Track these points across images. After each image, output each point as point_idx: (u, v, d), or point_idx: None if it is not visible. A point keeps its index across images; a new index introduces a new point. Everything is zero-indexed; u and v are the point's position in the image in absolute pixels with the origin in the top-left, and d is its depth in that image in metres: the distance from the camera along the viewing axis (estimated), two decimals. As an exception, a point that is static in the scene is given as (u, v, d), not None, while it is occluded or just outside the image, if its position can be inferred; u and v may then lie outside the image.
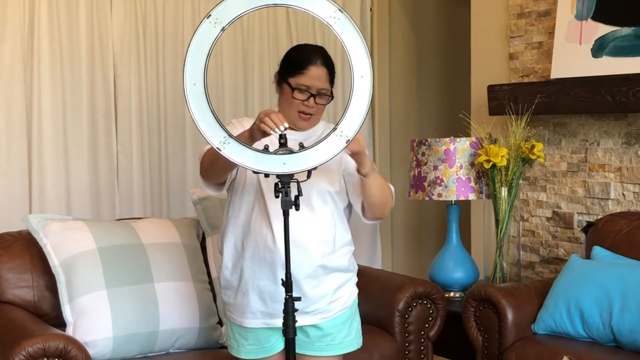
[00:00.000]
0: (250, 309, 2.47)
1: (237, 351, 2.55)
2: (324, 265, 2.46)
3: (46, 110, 3.92)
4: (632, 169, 3.60)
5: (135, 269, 3.15)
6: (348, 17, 2.14)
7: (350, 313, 2.57)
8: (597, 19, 3.63)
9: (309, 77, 2.43)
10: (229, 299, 2.55)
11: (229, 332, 2.61)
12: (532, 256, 4.08)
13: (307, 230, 2.43)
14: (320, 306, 2.48)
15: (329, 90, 2.48)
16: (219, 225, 3.39)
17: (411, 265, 5.22)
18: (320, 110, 2.50)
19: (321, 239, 2.47)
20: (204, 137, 2.12)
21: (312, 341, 2.51)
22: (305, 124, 2.49)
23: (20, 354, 2.61)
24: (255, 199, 2.46)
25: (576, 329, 3.09)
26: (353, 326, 2.58)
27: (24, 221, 3.18)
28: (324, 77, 2.46)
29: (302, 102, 2.44)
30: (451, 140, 3.84)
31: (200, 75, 2.11)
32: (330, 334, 2.51)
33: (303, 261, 2.42)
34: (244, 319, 2.50)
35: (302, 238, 2.41)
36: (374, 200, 2.48)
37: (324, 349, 2.52)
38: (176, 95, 4.24)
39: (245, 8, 2.12)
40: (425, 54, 5.39)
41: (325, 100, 2.48)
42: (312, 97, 2.43)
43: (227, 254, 2.53)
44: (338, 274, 2.51)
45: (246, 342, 2.52)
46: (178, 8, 4.28)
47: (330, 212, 2.49)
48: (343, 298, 2.53)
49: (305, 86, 2.43)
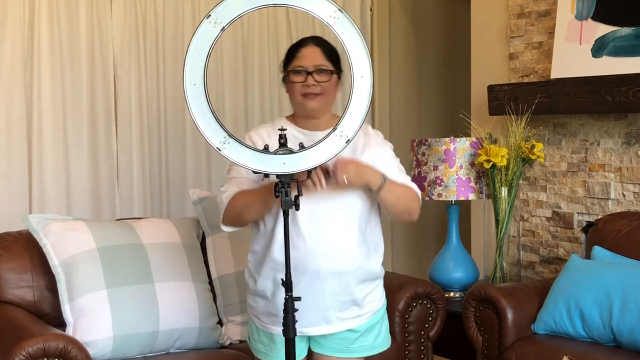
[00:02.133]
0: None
1: (265, 355, 2.53)
2: (358, 272, 2.44)
3: (46, 110, 3.92)
4: (632, 169, 3.60)
5: (135, 269, 3.15)
6: (348, 17, 2.13)
7: (381, 315, 2.58)
8: (597, 19, 3.63)
9: (301, 57, 2.43)
10: (257, 305, 2.51)
11: (254, 334, 2.57)
12: (532, 256, 4.09)
13: (345, 235, 2.41)
14: (354, 312, 2.48)
15: (327, 66, 2.42)
16: (219, 225, 3.41)
17: (411, 265, 5.22)
18: (327, 89, 2.43)
19: (352, 245, 2.43)
20: (203, 137, 2.12)
21: (344, 344, 2.50)
22: (313, 104, 2.42)
23: (20, 354, 2.61)
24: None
25: (576, 329, 3.09)
26: (383, 327, 2.59)
27: (24, 221, 3.18)
28: (318, 54, 2.43)
29: (302, 83, 2.41)
30: (451, 140, 3.84)
31: (200, 75, 2.11)
32: (362, 336, 2.51)
33: (342, 268, 2.40)
34: (277, 327, 2.41)
35: (339, 244, 2.40)
36: (394, 210, 2.44)
37: (355, 350, 2.52)
38: (176, 95, 4.24)
39: (245, 8, 2.12)
40: (426, 54, 5.39)
41: (325, 76, 2.41)
42: (309, 74, 2.40)
43: (256, 261, 2.49)
44: (371, 281, 2.51)
45: (275, 346, 2.49)
46: (178, 8, 4.28)
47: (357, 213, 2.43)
48: (374, 302, 2.53)
49: (300, 66, 2.42)
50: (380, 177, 2.35)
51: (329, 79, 2.43)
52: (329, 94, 2.45)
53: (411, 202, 2.47)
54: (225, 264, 3.35)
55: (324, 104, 2.45)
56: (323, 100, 2.44)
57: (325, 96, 2.44)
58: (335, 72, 2.45)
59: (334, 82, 2.45)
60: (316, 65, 2.41)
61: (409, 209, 2.48)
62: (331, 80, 2.44)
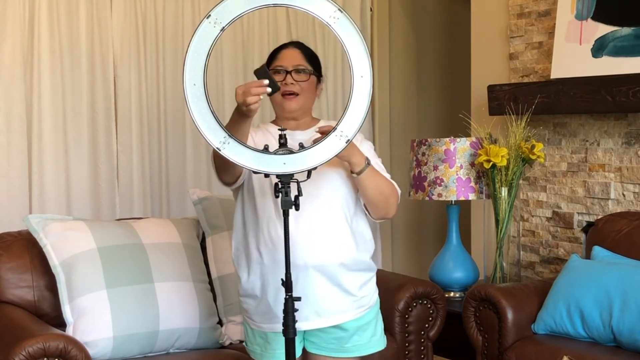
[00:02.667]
0: (276, 315, 2.42)
1: (260, 356, 2.53)
2: (345, 262, 2.44)
3: (46, 110, 3.92)
4: (632, 169, 3.60)
5: (135, 269, 3.15)
6: (348, 17, 2.14)
7: (375, 312, 2.57)
8: (597, 19, 3.63)
9: (281, 58, 2.50)
10: (249, 307, 2.52)
11: (249, 337, 2.58)
12: (532, 256, 4.09)
13: (328, 226, 2.42)
14: (346, 305, 2.47)
15: (305, 67, 2.48)
16: (219, 225, 3.42)
17: (411, 265, 5.22)
18: (305, 89, 2.49)
19: (343, 234, 2.44)
20: (203, 138, 2.12)
21: (339, 343, 2.50)
22: (292, 105, 2.47)
23: (20, 354, 2.61)
24: (264, 202, 2.44)
25: (576, 329, 3.09)
26: (378, 326, 2.58)
27: (24, 221, 3.18)
28: (297, 55, 2.50)
29: (281, 82, 2.45)
30: (451, 140, 3.84)
31: (200, 75, 2.11)
32: (356, 334, 2.51)
33: (327, 259, 2.41)
34: (270, 324, 2.46)
35: (322, 235, 2.40)
36: (372, 199, 2.44)
37: (350, 350, 2.51)
38: (176, 95, 4.24)
39: (245, 8, 2.12)
40: (425, 54, 5.39)
41: (304, 76, 2.47)
42: (288, 74, 2.46)
43: (244, 263, 2.51)
44: (361, 272, 2.50)
45: (270, 346, 2.50)
46: (178, 8, 4.28)
47: (341, 204, 2.45)
48: (367, 296, 2.53)
49: (279, 66, 2.48)
50: (365, 160, 2.38)
51: (308, 78, 2.49)
52: (308, 95, 2.51)
53: (390, 195, 2.46)
54: (225, 264, 3.34)
55: (302, 105, 2.50)
56: (302, 101, 2.49)
57: (303, 97, 2.49)
58: (314, 74, 2.51)
59: (312, 83, 2.51)
60: (295, 65, 2.48)
61: (387, 202, 2.46)
62: (310, 80, 2.50)
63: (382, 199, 2.45)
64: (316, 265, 2.40)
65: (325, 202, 2.42)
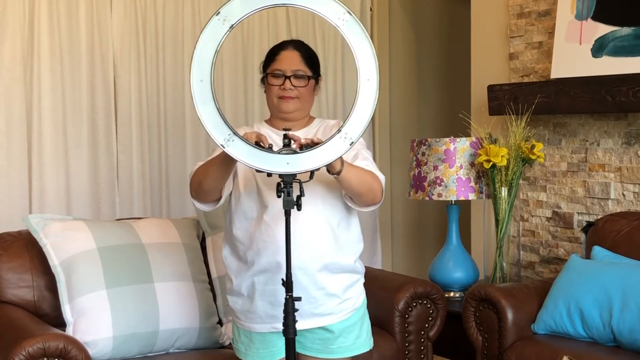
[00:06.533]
0: (259, 314, 2.46)
1: (244, 355, 2.55)
2: (328, 265, 2.45)
3: (46, 110, 3.91)
4: (632, 169, 3.60)
5: (135, 269, 3.15)
6: (356, 20, 2.13)
7: (360, 314, 2.57)
8: (597, 19, 3.63)
9: (280, 61, 2.49)
10: (235, 305, 2.54)
11: (235, 335, 2.60)
12: (532, 256, 4.09)
13: (309, 229, 2.42)
14: (330, 308, 2.47)
15: (305, 72, 2.48)
16: (219, 225, 3.42)
17: (411, 265, 5.22)
18: (303, 94, 2.49)
19: (324, 236, 2.45)
20: (208, 134, 2.11)
21: (324, 344, 2.50)
22: (289, 106, 2.48)
23: (20, 354, 2.61)
24: (255, 203, 2.45)
25: (576, 329, 3.09)
26: (364, 328, 2.58)
27: (24, 221, 3.18)
28: (297, 58, 2.49)
29: (280, 86, 2.46)
30: (451, 140, 3.84)
31: (207, 71, 2.11)
32: (341, 336, 2.51)
33: (308, 262, 2.41)
34: (253, 324, 2.50)
35: (304, 238, 2.40)
36: (356, 191, 2.39)
37: (335, 351, 2.52)
38: (176, 95, 4.24)
39: (255, 7, 2.13)
40: (425, 54, 5.39)
41: (302, 81, 2.48)
42: (287, 79, 2.46)
43: (232, 262, 2.52)
44: (345, 274, 2.50)
45: (254, 345, 2.52)
46: (178, 8, 4.28)
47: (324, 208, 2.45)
48: (352, 299, 2.53)
49: (278, 70, 2.48)
50: (341, 160, 2.31)
51: (306, 84, 2.50)
52: (305, 99, 2.52)
53: (373, 182, 2.41)
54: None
55: (299, 107, 2.51)
56: (298, 104, 2.50)
57: (300, 100, 2.50)
58: (313, 78, 2.51)
59: (310, 87, 2.52)
60: (294, 70, 2.48)
61: (371, 189, 2.40)
62: (308, 85, 2.50)
63: (365, 188, 2.40)
64: (300, 267, 2.38)
65: (309, 205, 2.38)
